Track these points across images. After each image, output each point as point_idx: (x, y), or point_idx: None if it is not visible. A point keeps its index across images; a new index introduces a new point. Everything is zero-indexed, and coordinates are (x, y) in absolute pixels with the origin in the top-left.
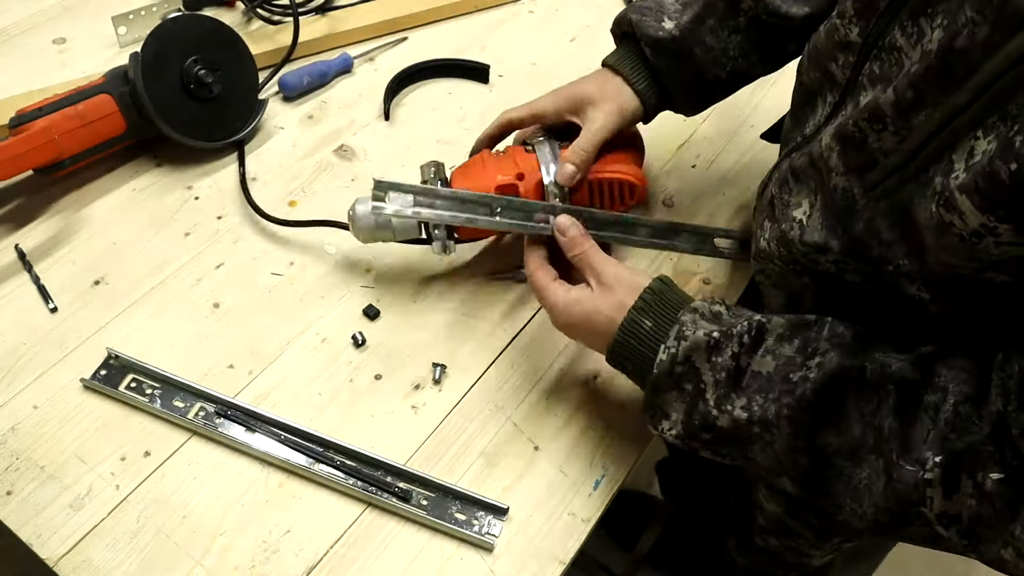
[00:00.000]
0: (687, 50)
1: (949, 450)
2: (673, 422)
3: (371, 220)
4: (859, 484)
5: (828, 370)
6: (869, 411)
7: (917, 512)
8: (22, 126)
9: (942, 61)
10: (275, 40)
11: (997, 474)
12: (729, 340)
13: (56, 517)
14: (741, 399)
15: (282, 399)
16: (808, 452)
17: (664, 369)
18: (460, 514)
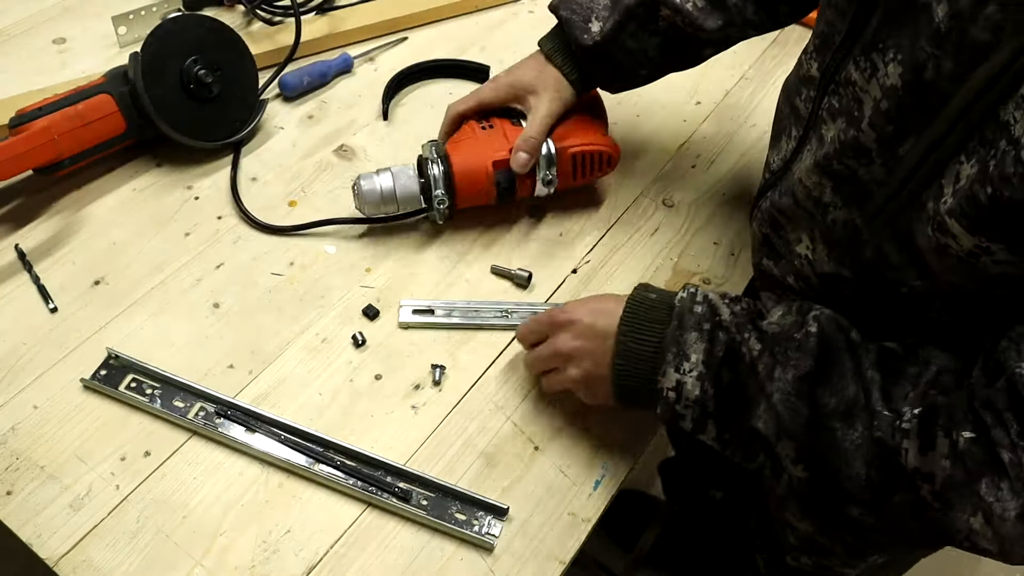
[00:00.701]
0: (609, 55)
1: (928, 403)
2: (694, 363)
3: (376, 194)
4: (852, 445)
5: (823, 327)
6: (857, 366)
7: (898, 467)
8: (22, 126)
9: (913, 95)
10: (275, 40)
11: (970, 432)
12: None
13: (56, 517)
14: (754, 331)
15: (282, 399)
16: (809, 401)
17: (687, 305)
18: (460, 514)
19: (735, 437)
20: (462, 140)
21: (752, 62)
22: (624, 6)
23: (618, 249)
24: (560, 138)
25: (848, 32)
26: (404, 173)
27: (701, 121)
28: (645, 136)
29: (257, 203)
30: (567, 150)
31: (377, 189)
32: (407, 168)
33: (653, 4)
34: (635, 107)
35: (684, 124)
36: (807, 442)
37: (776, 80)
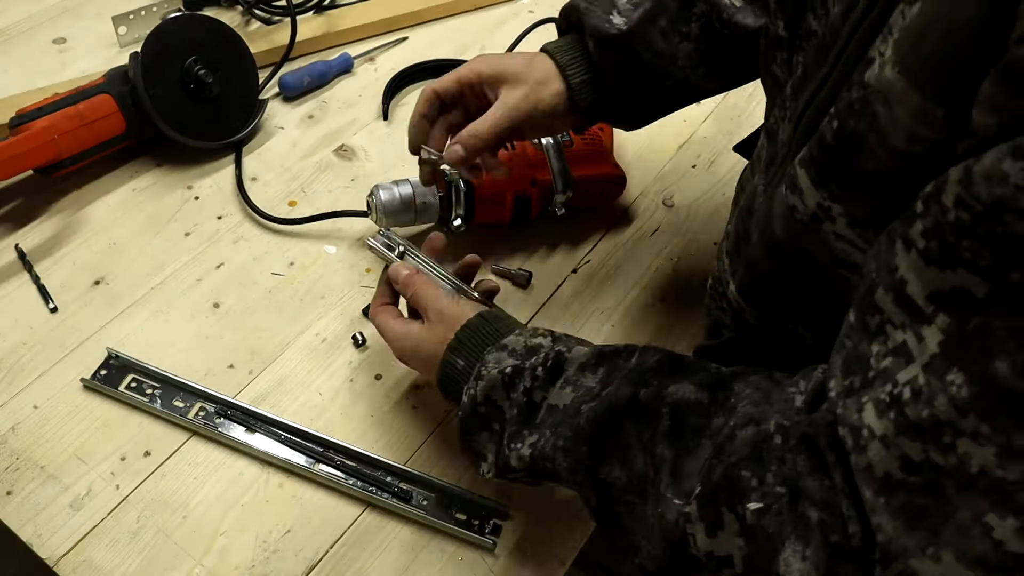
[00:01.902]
0: (634, 50)
1: (708, 479)
2: (490, 464)
3: (396, 204)
4: (649, 520)
5: (608, 400)
6: (648, 438)
7: (689, 556)
8: (22, 126)
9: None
10: (275, 40)
11: (755, 503)
12: (521, 375)
13: (56, 517)
14: (532, 436)
15: (282, 399)
16: (593, 487)
17: (467, 410)
18: (460, 514)
19: None
20: None
21: None
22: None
23: (618, 249)
24: (577, 167)
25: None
26: (424, 188)
27: (701, 121)
28: (645, 136)
29: (257, 203)
30: (582, 184)
31: (397, 201)
32: None
33: None
34: None
35: (684, 124)
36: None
37: None
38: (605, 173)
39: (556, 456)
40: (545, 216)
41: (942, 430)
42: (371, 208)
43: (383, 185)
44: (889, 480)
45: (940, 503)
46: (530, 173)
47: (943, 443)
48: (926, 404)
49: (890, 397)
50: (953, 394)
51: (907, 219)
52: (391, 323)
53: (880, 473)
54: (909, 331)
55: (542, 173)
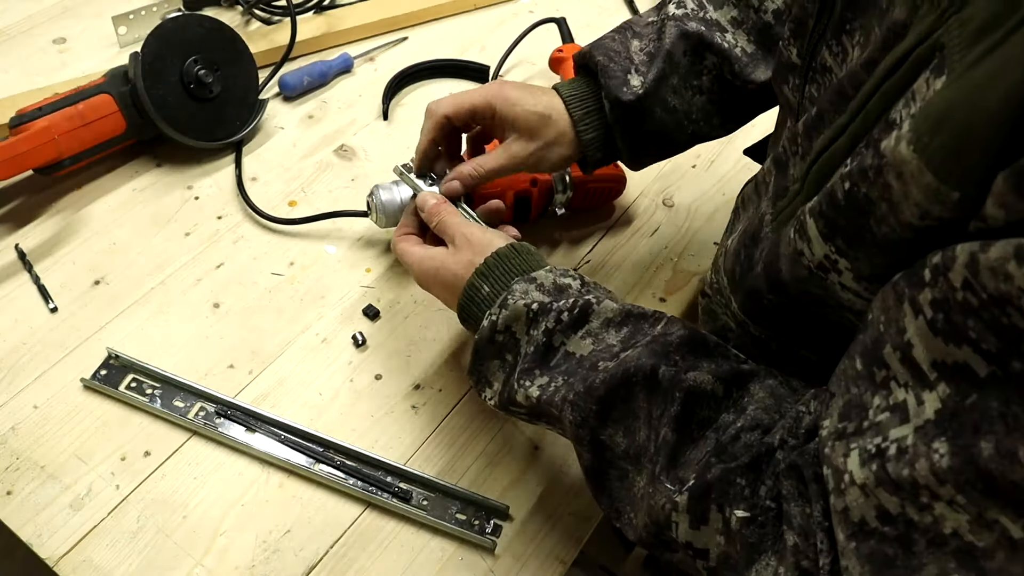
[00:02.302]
0: (650, 110)
1: (704, 476)
2: (494, 392)
3: (396, 204)
4: (637, 492)
5: (625, 365)
6: (656, 416)
7: (668, 538)
8: (22, 126)
9: (844, 81)
10: (275, 40)
11: (743, 512)
12: (547, 314)
13: (56, 517)
14: (542, 378)
15: (282, 399)
16: (592, 445)
17: (484, 336)
18: (460, 514)
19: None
20: None
21: None
22: (665, 51)
23: (618, 249)
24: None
25: (818, 14)
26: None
27: None
28: None
29: (257, 203)
30: (584, 184)
31: (397, 202)
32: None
33: (697, 50)
34: None
35: None
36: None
37: None
38: (605, 173)
39: (564, 407)
40: (545, 216)
41: (920, 491)
42: (371, 208)
43: (383, 185)
44: (864, 527)
45: (908, 556)
46: (529, 175)
47: (920, 503)
48: (908, 465)
49: (876, 449)
50: (935, 462)
51: (915, 283)
52: (413, 248)
53: (856, 518)
54: (911, 392)
55: (542, 173)
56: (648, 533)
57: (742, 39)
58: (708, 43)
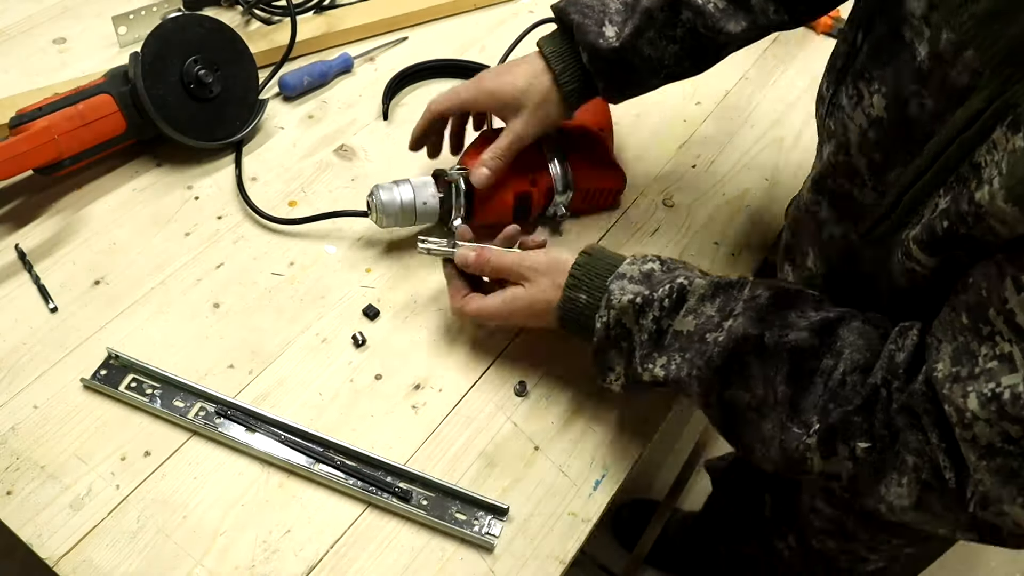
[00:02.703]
0: (625, 61)
1: (827, 419)
2: (617, 374)
3: (396, 206)
4: (766, 433)
5: (734, 336)
6: (770, 375)
7: (806, 470)
8: (22, 126)
9: (898, 127)
10: (275, 40)
11: (864, 443)
12: (651, 304)
13: (56, 517)
14: (662, 358)
15: (282, 399)
16: (719, 407)
17: (601, 335)
18: (460, 514)
19: None
20: None
21: (752, 62)
22: (643, 8)
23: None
24: (578, 172)
25: (847, 57)
26: (424, 189)
27: (701, 121)
28: (645, 136)
29: (257, 203)
30: (583, 186)
31: (397, 202)
32: (427, 182)
33: (674, 7)
34: (635, 107)
35: (684, 124)
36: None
37: (776, 80)
38: (606, 175)
39: (691, 382)
40: (545, 217)
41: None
42: (371, 208)
43: (383, 185)
44: (992, 448)
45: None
46: (530, 172)
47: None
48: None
49: (992, 394)
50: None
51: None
52: (487, 302)
53: (984, 443)
54: (1016, 347)
55: (542, 172)
56: (785, 466)
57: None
58: (684, 0)
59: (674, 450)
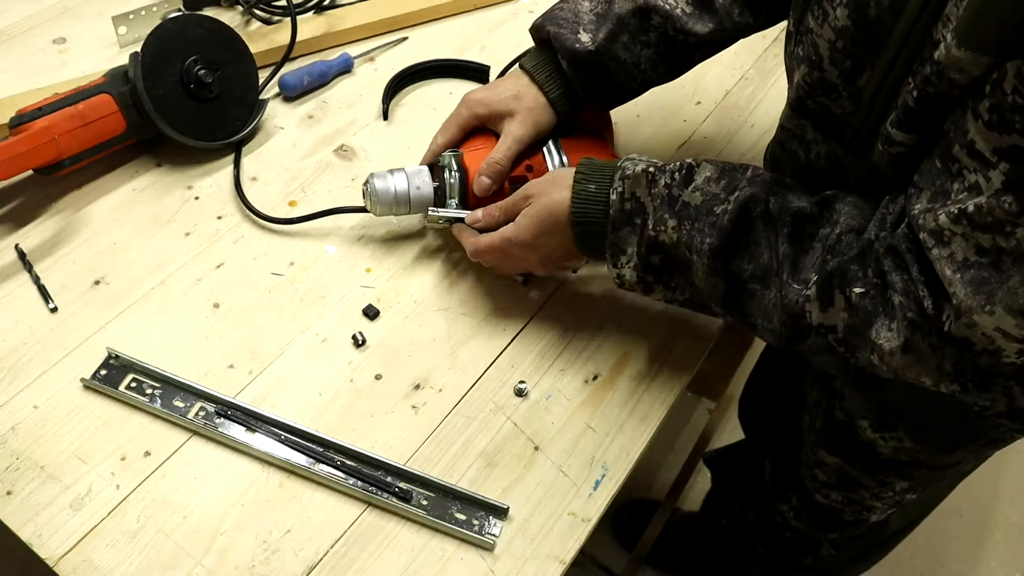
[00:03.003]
0: (601, 65)
1: (824, 269)
2: (630, 255)
3: (391, 193)
4: (768, 304)
5: (741, 200)
6: (773, 239)
7: (805, 324)
8: (22, 126)
9: (863, 30)
10: (274, 40)
11: (859, 288)
12: (663, 173)
13: (56, 517)
14: (673, 220)
15: (282, 399)
16: (725, 276)
17: (617, 207)
18: (460, 514)
19: (680, 295)
20: (479, 150)
21: (752, 62)
22: (615, 15)
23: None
24: (573, 157)
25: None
26: (418, 176)
27: (701, 121)
28: (645, 136)
29: (257, 203)
30: None
31: (391, 189)
32: (421, 170)
33: (644, 13)
34: (635, 107)
35: (684, 124)
36: (729, 303)
37: (776, 80)
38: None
39: (702, 248)
40: None
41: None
42: (366, 197)
43: (378, 174)
44: (966, 262)
45: (999, 274)
46: (526, 159)
47: (1005, 232)
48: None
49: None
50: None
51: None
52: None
53: (960, 257)
54: (979, 174)
55: (538, 160)
56: (785, 328)
57: (681, 1)
58: (653, 6)
59: (674, 450)
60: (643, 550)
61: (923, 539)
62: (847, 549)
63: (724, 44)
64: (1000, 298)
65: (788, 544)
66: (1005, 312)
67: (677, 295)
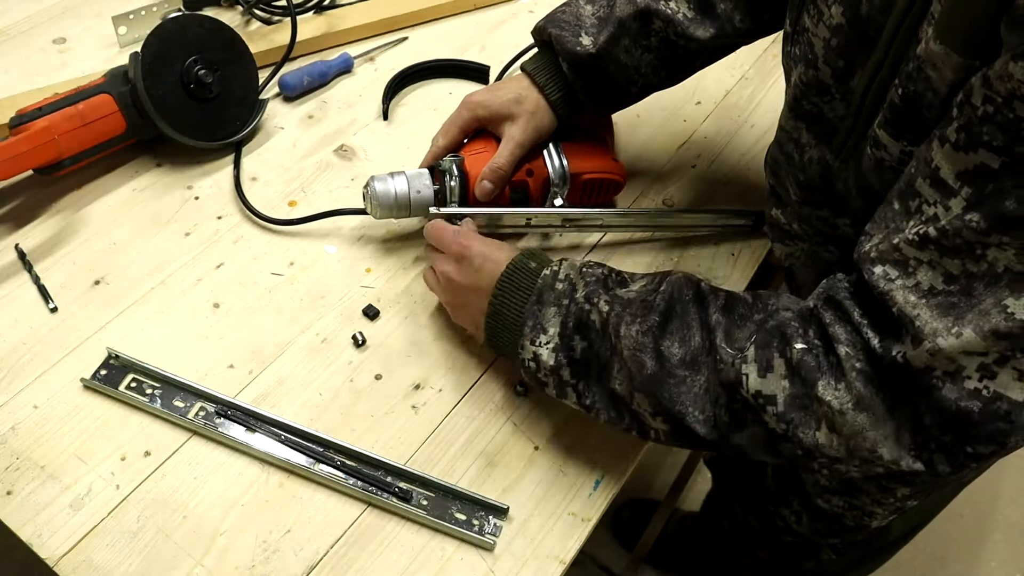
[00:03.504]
0: (602, 67)
1: (763, 329)
2: (551, 336)
3: (391, 196)
4: (699, 390)
5: (673, 283)
6: (704, 316)
7: (741, 399)
8: (22, 126)
9: (856, 29)
10: (274, 40)
11: (800, 344)
12: (598, 266)
13: (56, 517)
14: (605, 296)
15: (282, 399)
16: (654, 354)
17: (547, 282)
18: (460, 514)
19: (597, 402)
20: (479, 153)
21: (752, 62)
22: (617, 19)
23: (618, 249)
24: (574, 162)
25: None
26: (419, 179)
27: (701, 121)
28: (645, 136)
29: (257, 203)
30: (581, 176)
31: (391, 192)
32: (422, 174)
33: (645, 17)
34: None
35: (684, 124)
36: (657, 393)
37: (776, 80)
38: (604, 167)
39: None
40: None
41: (974, 246)
42: (366, 199)
43: (378, 177)
44: (933, 290)
45: (970, 299)
46: (526, 163)
47: (975, 254)
48: (955, 236)
49: (921, 235)
50: (973, 227)
51: (944, 124)
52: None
53: (927, 286)
54: (939, 205)
55: (539, 164)
56: (719, 409)
57: (683, 6)
58: (654, 11)
59: (674, 450)
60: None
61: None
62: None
63: (725, 51)
64: (970, 319)
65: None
66: (974, 333)
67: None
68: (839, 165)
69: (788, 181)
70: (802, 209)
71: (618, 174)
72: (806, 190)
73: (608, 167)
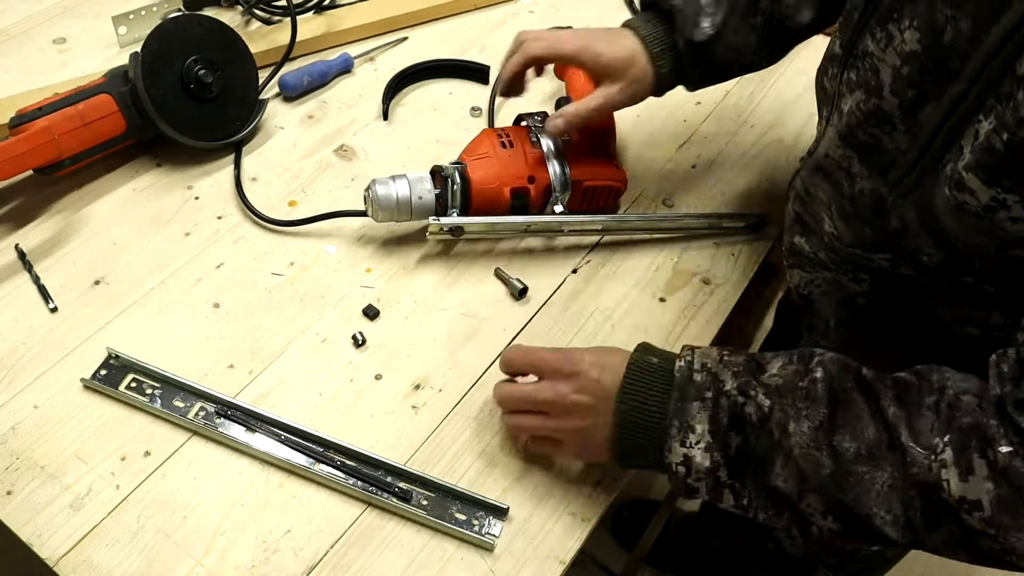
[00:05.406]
0: (715, 49)
1: (956, 428)
2: (699, 435)
3: (392, 200)
4: (883, 487)
5: (830, 372)
6: (874, 406)
7: (940, 501)
8: (22, 126)
9: (934, 57)
10: (274, 40)
11: (1006, 447)
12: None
13: (56, 517)
14: (761, 388)
15: (282, 399)
16: (830, 450)
17: (684, 376)
18: (460, 514)
19: (756, 500)
20: (482, 158)
21: None
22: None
23: (618, 249)
24: (576, 169)
25: (865, 6)
26: (421, 184)
27: (701, 121)
28: (645, 136)
29: (257, 203)
30: (582, 183)
31: (393, 196)
32: (423, 177)
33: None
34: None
35: (684, 124)
36: (834, 493)
37: (776, 80)
38: (605, 175)
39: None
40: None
41: None
42: (368, 203)
43: (380, 180)
44: None
45: None
46: (528, 169)
47: None
48: None
49: None
50: None
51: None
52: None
53: None
54: None
55: (540, 170)
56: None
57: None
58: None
59: None
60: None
61: None
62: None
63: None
64: None
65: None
66: None
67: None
68: (895, 199)
69: (823, 212)
70: (835, 242)
71: (619, 181)
72: (850, 221)
73: (610, 174)
